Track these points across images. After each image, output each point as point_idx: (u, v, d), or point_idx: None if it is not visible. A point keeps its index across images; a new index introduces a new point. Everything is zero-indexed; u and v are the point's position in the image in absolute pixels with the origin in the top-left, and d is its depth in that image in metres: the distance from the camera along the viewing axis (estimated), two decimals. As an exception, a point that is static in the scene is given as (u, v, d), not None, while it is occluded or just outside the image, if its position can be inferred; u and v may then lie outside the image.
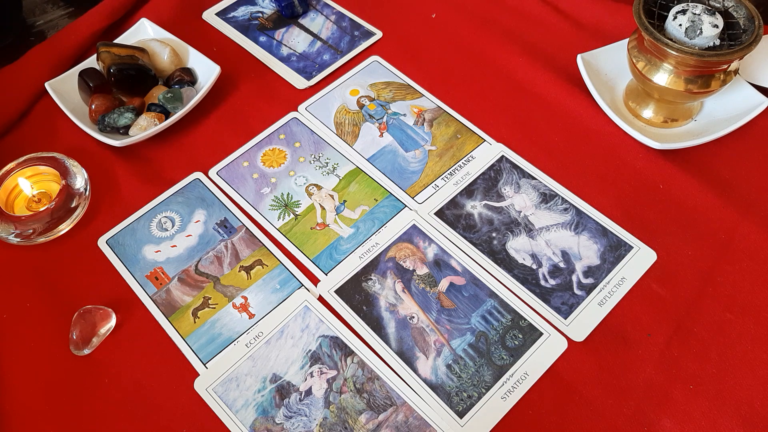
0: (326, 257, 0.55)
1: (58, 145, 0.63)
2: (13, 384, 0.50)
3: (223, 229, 0.57)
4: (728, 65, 0.55)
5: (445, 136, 0.62)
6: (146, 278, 0.55)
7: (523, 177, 0.59)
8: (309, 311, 0.52)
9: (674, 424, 0.46)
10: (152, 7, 0.74)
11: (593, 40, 0.68)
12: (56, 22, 0.78)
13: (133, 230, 0.58)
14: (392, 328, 0.51)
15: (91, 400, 0.49)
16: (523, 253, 0.55)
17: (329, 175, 0.60)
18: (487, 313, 0.52)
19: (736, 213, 0.56)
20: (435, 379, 0.49)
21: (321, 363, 0.50)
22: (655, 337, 0.50)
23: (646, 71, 0.57)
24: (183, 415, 0.48)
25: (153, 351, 0.51)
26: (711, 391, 0.47)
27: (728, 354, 0.49)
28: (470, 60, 0.68)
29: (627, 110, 0.63)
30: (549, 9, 0.72)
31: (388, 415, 0.47)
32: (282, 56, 0.70)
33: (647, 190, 0.58)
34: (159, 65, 0.66)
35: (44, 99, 0.67)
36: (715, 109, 0.62)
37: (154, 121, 0.62)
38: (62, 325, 0.52)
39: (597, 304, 0.51)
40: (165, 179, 0.61)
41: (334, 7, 0.75)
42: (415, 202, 0.58)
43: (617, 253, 0.54)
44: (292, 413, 0.48)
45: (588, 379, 0.48)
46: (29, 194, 0.58)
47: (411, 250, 0.55)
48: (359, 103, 0.65)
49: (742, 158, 0.59)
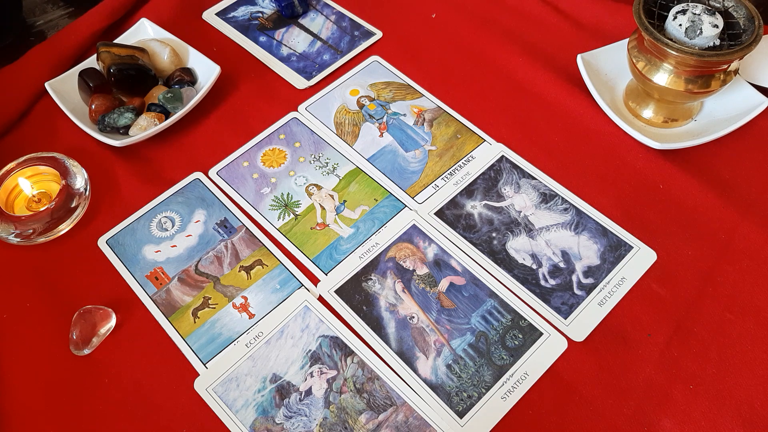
0: (326, 257, 0.55)
1: (58, 145, 0.63)
2: (13, 384, 0.50)
3: (223, 229, 0.57)
4: (728, 65, 0.55)
5: (445, 136, 0.62)
6: (146, 278, 0.55)
7: (523, 177, 0.59)
8: (309, 311, 0.52)
9: (674, 424, 0.46)
10: (152, 7, 0.74)
11: (593, 40, 0.68)
12: (56, 22, 0.78)
13: (133, 230, 0.58)
14: (392, 328, 0.51)
15: (91, 400, 0.49)
16: (523, 253, 0.55)
17: (329, 175, 0.60)
18: (487, 313, 0.52)
19: (736, 213, 0.56)
20: (435, 379, 0.49)
21: (321, 363, 0.50)
22: (655, 337, 0.50)
23: (646, 71, 0.57)
24: (183, 415, 0.48)
25: (153, 351, 0.51)
26: (711, 391, 0.47)
27: (728, 354, 0.49)
28: (470, 60, 0.68)
29: (627, 110, 0.63)
30: (549, 9, 0.72)
31: (388, 415, 0.47)
32: (282, 56, 0.70)
33: (647, 190, 0.58)
34: (159, 65, 0.66)
35: (44, 99, 0.67)
36: (715, 109, 0.61)
37: (154, 121, 0.62)
38: (62, 325, 0.52)
39: (597, 304, 0.51)
40: (165, 179, 0.61)
41: (334, 7, 0.75)
42: (415, 202, 0.58)
43: (617, 253, 0.54)
44: (292, 413, 0.48)
45: (588, 379, 0.48)
46: (29, 194, 0.58)
47: (411, 250, 0.55)
48: (359, 103, 0.65)
49: (742, 158, 0.59)
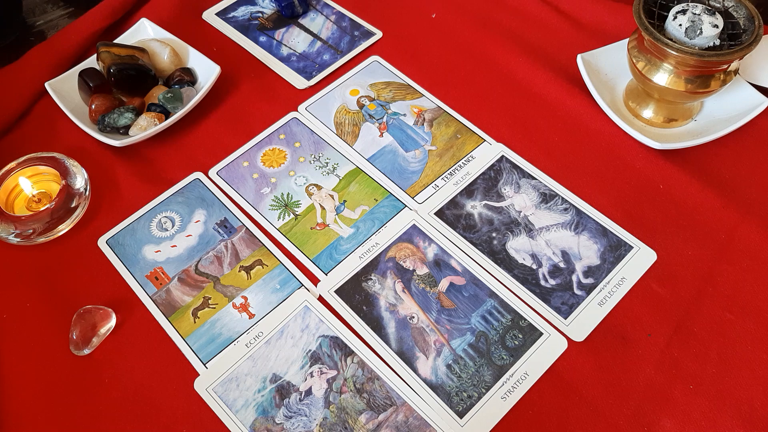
0: (326, 257, 0.55)
1: (58, 145, 0.63)
2: (13, 384, 0.50)
3: (223, 229, 0.57)
4: (728, 65, 0.55)
5: (445, 136, 0.62)
6: (146, 278, 0.55)
7: (523, 177, 0.59)
8: (309, 311, 0.52)
9: (674, 424, 0.46)
10: (152, 7, 0.74)
11: (593, 40, 0.68)
12: (56, 22, 0.78)
13: (133, 230, 0.58)
14: (392, 328, 0.51)
15: (91, 400, 0.49)
16: (523, 253, 0.55)
17: (329, 175, 0.60)
18: (487, 313, 0.52)
19: (736, 213, 0.56)
20: (435, 379, 0.49)
21: (321, 363, 0.50)
22: (655, 337, 0.50)
23: (646, 71, 0.57)
24: (183, 415, 0.48)
25: (153, 351, 0.51)
26: (711, 391, 0.47)
27: (728, 354, 0.49)
28: (470, 60, 0.68)
29: (627, 110, 0.63)
30: (549, 9, 0.72)
31: (388, 415, 0.47)
32: (282, 56, 0.70)
33: (647, 190, 0.58)
34: (159, 65, 0.66)
35: (44, 99, 0.67)
36: (715, 109, 0.61)
37: (154, 121, 0.62)
38: (62, 325, 0.52)
39: (597, 304, 0.51)
40: (165, 179, 0.61)
41: (334, 7, 0.75)
42: (415, 202, 0.58)
43: (617, 253, 0.54)
44: (292, 413, 0.48)
45: (588, 379, 0.48)
46: (29, 194, 0.58)
47: (411, 250, 0.55)
48: (359, 103, 0.65)
49: (742, 158, 0.59)
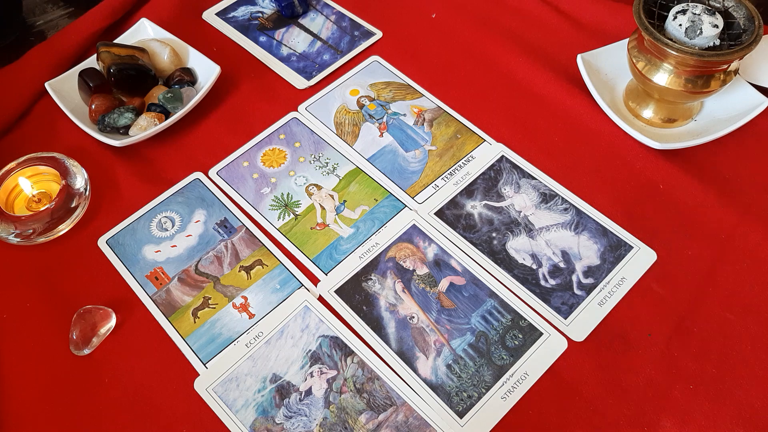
0: (326, 257, 0.55)
1: (58, 145, 0.63)
2: (13, 384, 0.50)
3: (223, 229, 0.57)
4: (728, 65, 0.55)
5: (445, 136, 0.62)
6: (146, 278, 0.55)
7: (523, 177, 0.59)
8: (309, 311, 0.52)
9: (674, 424, 0.46)
10: (152, 7, 0.74)
11: (593, 40, 0.68)
12: (56, 22, 0.78)
13: (133, 230, 0.58)
14: (392, 328, 0.51)
15: (91, 400, 0.49)
16: (523, 253, 0.55)
17: (329, 175, 0.60)
18: (487, 313, 0.52)
19: (736, 213, 0.56)
20: (435, 379, 0.49)
21: (321, 363, 0.50)
22: (655, 337, 0.50)
23: (646, 71, 0.57)
24: (183, 415, 0.48)
25: (153, 351, 0.51)
26: (711, 391, 0.47)
27: (728, 354, 0.49)
28: (470, 60, 0.68)
29: (627, 110, 0.63)
30: (549, 9, 0.72)
31: (388, 415, 0.47)
32: (282, 56, 0.70)
33: (647, 190, 0.58)
34: (159, 65, 0.66)
35: (44, 99, 0.67)
36: (715, 109, 0.61)
37: (154, 121, 0.62)
38: (62, 325, 0.52)
39: (597, 304, 0.51)
40: (165, 179, 0.61)
41: (334, 7, 0.75)
42: (415, 202, 0.58)
43: (617, 253, 0.54)
44: (292, 413, 0.48)
45: (588, 379, 0.48)
46: (29, 194, 0.58)
47: (411, 250, 0.55)
48: (359, 103, 0.65)
49: (742, 158, 0.59)
